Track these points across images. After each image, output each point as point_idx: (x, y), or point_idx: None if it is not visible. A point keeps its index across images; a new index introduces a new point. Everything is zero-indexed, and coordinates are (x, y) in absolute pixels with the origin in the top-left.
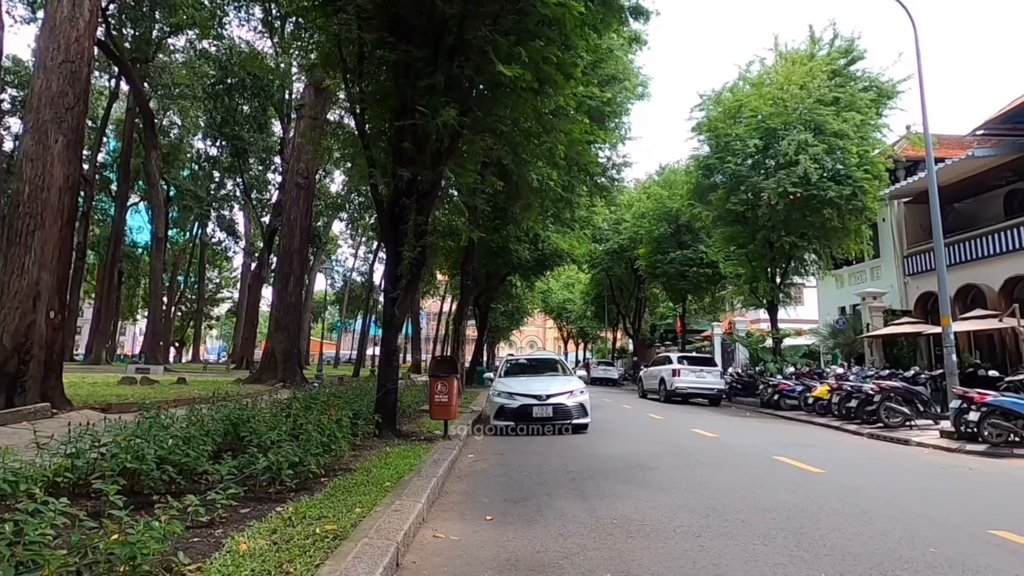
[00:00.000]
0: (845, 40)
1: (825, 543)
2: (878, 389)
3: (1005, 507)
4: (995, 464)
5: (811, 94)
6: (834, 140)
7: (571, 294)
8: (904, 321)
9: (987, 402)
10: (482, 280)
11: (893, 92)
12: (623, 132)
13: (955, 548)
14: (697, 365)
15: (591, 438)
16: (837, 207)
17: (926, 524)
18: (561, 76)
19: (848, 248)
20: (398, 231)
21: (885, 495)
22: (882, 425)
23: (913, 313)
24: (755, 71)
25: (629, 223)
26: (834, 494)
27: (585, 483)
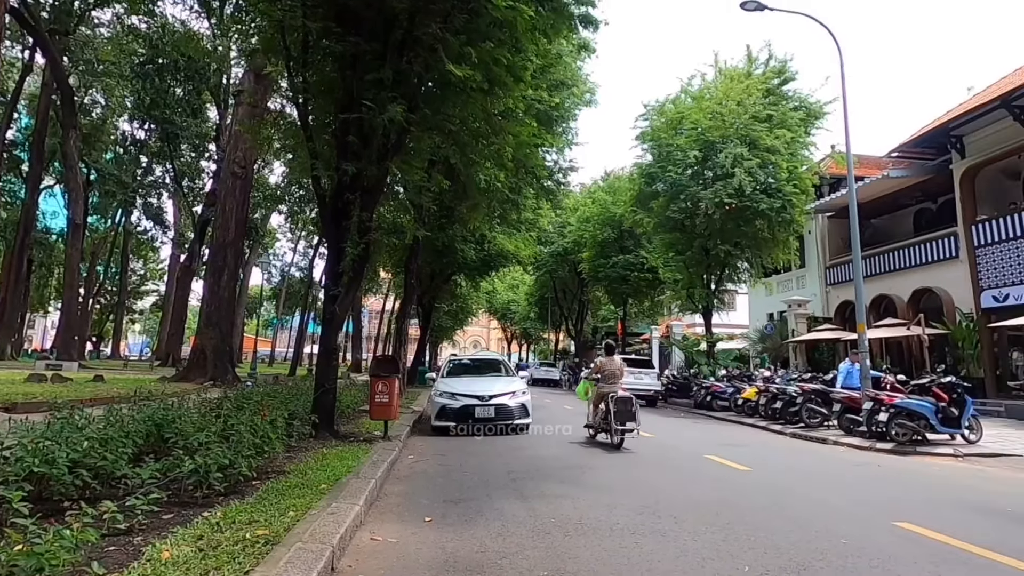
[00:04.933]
0: (779, 61)
1: (750, 537)
2: (801, 391)
3: (908, 500)
4: (901, 461)
5: (747, 110)
6: (767, 155)
7: (516, 295)
8: (825, 328)
9: (895, 404)
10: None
11: (820, 113)
12: (570, 137)
13: (864, 539)
14: (636, 367)
15: (531, 439)
16: (768, 218)
17: (840, 517)
18: (511, 78)
19: (777, 258)
20: (341, 227)
21: (804, 491)
22: (803, 425)
23: (833, 320)
24: (696, 85)
25: (574, 227)
26: (759, 491)
27: (525, 483)
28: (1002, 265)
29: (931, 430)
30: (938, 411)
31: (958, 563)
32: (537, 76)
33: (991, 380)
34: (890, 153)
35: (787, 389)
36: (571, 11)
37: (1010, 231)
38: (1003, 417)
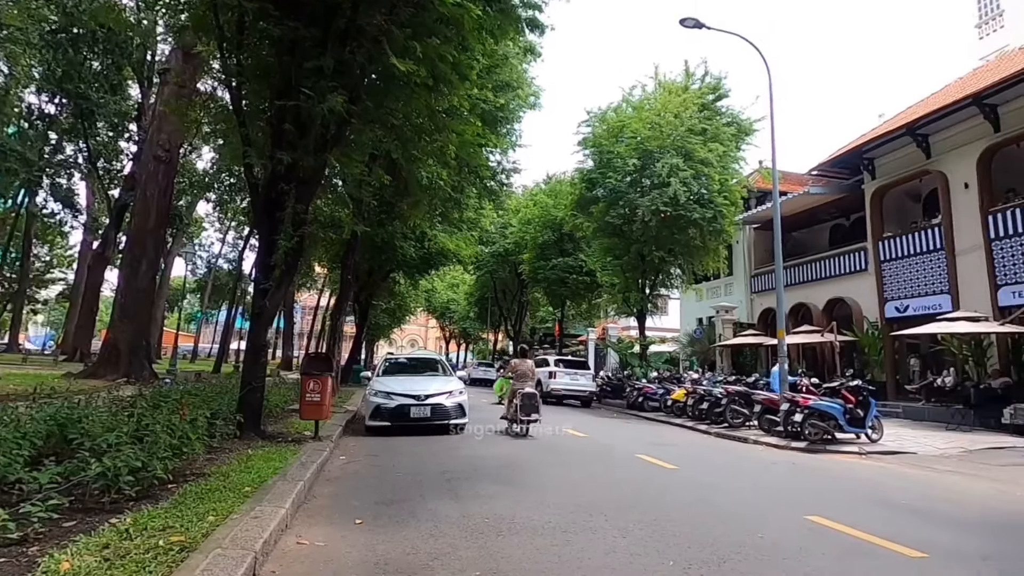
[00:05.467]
0: (714, 78)
1: (675, 533)
2: (725, 393)
3: (818, 496)
4: (813, 458)
5: (684, 123)
6: (700, 167)
7: (455, 294)
8: (749, 333)
9: (809, 405)
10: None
11: (750, 129)
12: (514, 139)
13: (779, 533)
14: (572, 368)
15: (467, 439)
16: (700, 227)
17: (757, 512)
18: (456, 76)
19: (707, 265)
20: (274, 218)
21: (726, 487)
22: (727, 425)
23: (757, 326)
24: (637, 96)
25: (515, 228)
26: (685, 488)
27: (460, 483)
28: (903, 279)
29: (839, 430)
30: (846, 412)
31: (861, 553)
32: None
33: (892, 384)
34: (811, 171)
35: (713, 391)
36: (518, 14)
37: (910, 248)
38: (901, 418)
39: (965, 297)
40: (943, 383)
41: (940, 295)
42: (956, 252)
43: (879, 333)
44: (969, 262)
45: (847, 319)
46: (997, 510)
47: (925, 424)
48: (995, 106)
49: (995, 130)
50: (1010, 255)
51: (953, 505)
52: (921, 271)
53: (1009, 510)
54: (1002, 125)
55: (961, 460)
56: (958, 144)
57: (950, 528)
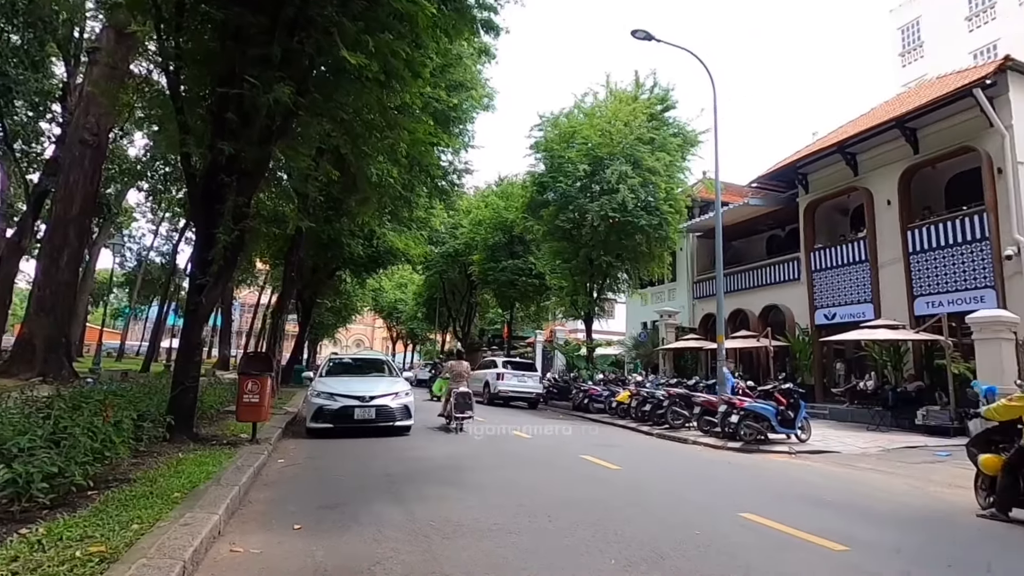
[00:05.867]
0: (663, 90)
1: (616, 532)
2: (667, 395)
3: (752, 494)
4: (747, 458)
5: (633, 131)
6: (648, 175)
7: (403, 294)
8: (690, 337)
9: (744, 407)
10: (308, 273)
11: (695, 141)
12: (467, 139)
13: (714, 529)
14: (520, 370)
15: (413, 440)
16: (647, 234)
17: (694, 510)
18: (409, 73)
19: (653, 271)
20: (213, 210)
21: (666, 487)
22: (668, 426)
23: (698, 331)
24: (589, 103)
25: (466, 229)
26: (627, 488)
27: (404, 486)
28: (832, 288)
29: (772, 430)
30: (778, 414)
31: (789, 548)
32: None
33: (819, 387)
34: (751, 183)
35: (656, 393)
36: (473, 14)
37: (839, 259)
38: (827, 419)
39: (886, 306)
40: (865, 386)
41: (864, 304)
42: (879, 264)
43: (809, 339)
44: (890, 274)
45: (781, 325)
46: (910, 505)
47: (849, 425)
48: (915, 130)
49: (915, 152)
50: (925, 268)
51: (872, 501)
52: (848, 281)
53: (920, 505)
54: (921, 147)
55: (880, 458)
56: (882, 163)
57: (869, 522)
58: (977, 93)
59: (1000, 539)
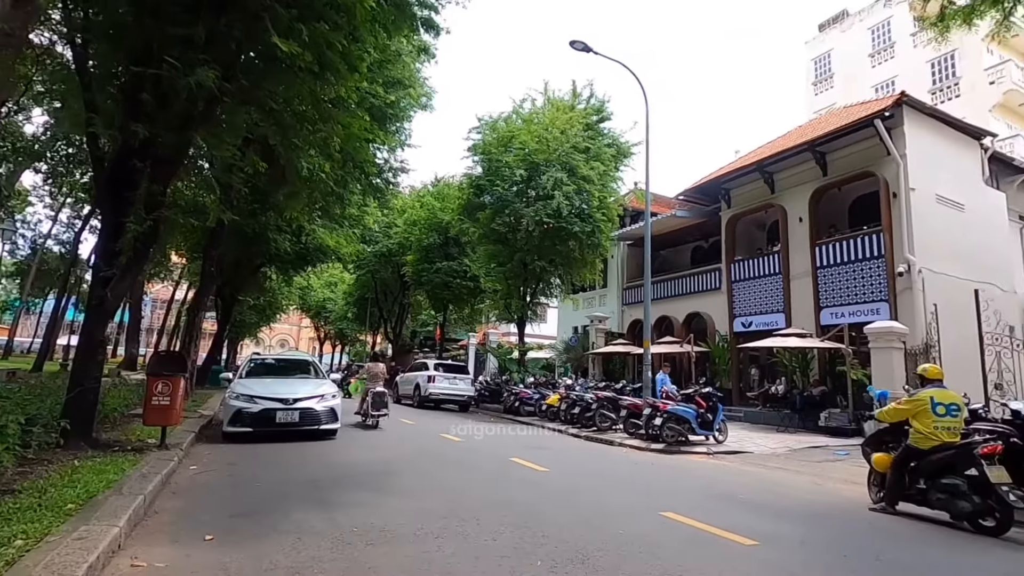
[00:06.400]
0: (599, 101)
1: (544, 534)
2: (596, 399)
3: (672, 493)
4: (669, 459)
5: (569, 140)
6: (583, 183)
7: (333, 293)
8: (619, 342)
9: (668, 410)
10: (230, 268)
11: (628, 152)
12: (403, 137)
13: (637, 529)
14: (451, 372)
15: (339, 444)
16: (580, 240)
17: (619, 511)
18: (345, 66)
19: (585, 277)
20: (123, 198)
21: (592, 488)
22: (596, 429)
23: (626, 336)
24: (527, 109)
25: (400, 228)
26: (555, 490)
27: (328, 492)
28: (748, 298)
29: (692, 432)
30: (698, 416)
31: (705, 543)
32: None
33: (736, 390)
34: (678, 195)
35: (585, 396)
36: (414, 12)
37: (755, 271)
38: (742, 421)
39: (796, 316)
40: (776, 391)
41: (777, 313)
42: (791, 277)
43: (728, 345)
44: (800, 286)
45: (703, 332)
46: (813, 501)
47: (761, 426)
48: (824, 154)
49: (824, 174)
50: (830, 282)
51: (780, 498)
52: (763, 292)
53: (822, 501)
54: (829, 170)
55: (787, 458)
56: (795, 183)
57: (777, 518)
58: (877, 124)
59: (888, 530)
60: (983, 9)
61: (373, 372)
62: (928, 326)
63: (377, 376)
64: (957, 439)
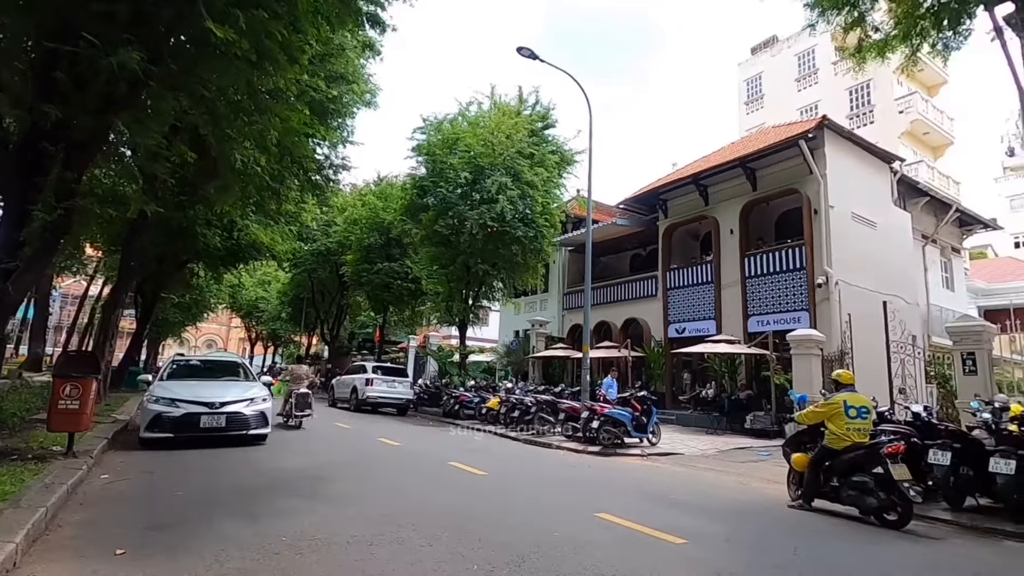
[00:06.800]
0: (544, 108)
1: (481, 537)
2: (535, 402)
3: (607, 495)
4: (605, 461)
5: (514, 145)
6: (527, 188)
7: (266, 292)
8: (559, 346)
9: (604, 413)
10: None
11: (571, 160)
12: (346, 134)
13: (572, 530)
14: (390, 375)
15: (270, 450)
16: (523, 245)
17: (555, 512)
18: (285, 57)
19: (527, 281)
20: (30, 183)
21: (530, 491)
22: (535, 432)
23: (566, 340)
24: (473, 112)
25: (340, 227)
26: (493, 493)
27: (256, 500)
28: (682, 305)
29: (628, 435)
30: (633, 419)
31: (637, 543)
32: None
33: (669, 394)
34: (618, 204)
35: (524, 400)
36: (359, 6)
37: (689, 279)
38: (675, 424)
39: (726, 323)
40: (706, 394)
41: (708, 320)
42: (722, 286)
43: (662, 350)
44: (730, 295)
45: (639, 337)
46: (738, 500)
47: (692, 429)
48: (754, 170)
49: (753, 189)
50: (757, 291)
51: (708, 497)
52: (696, 299)
53: (746, 499)
54: (758, 186)
55: (715, 459)
56: (728, 197)
57: (704, 517)
58: (801, 144)
59: (805, 526)
60: (894, 44)
61: (296, 374)
62: (843, 334)
63: (300, 378)
64: (866, 440)
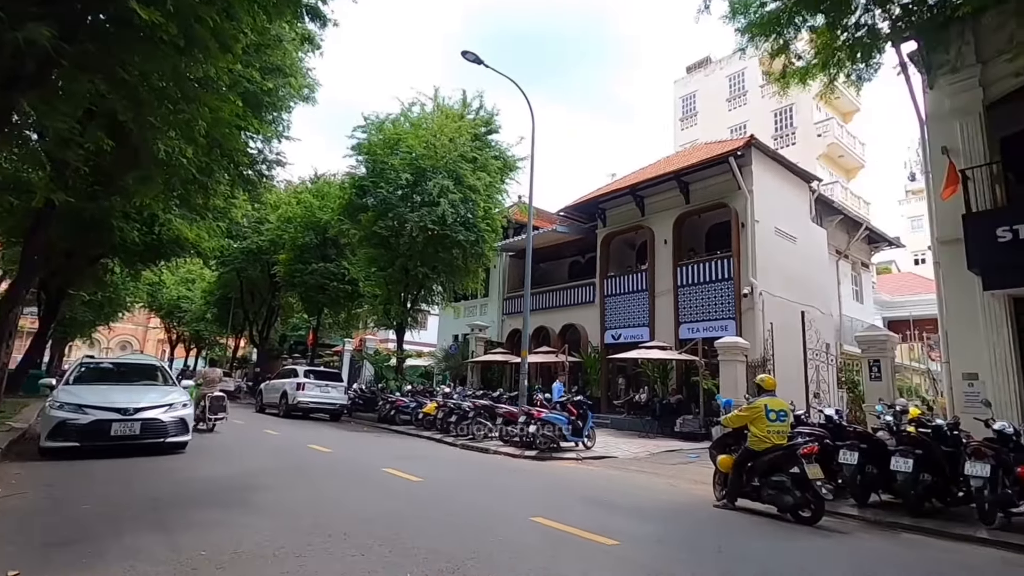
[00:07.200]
0: (488, 113)
1: (416, 546)
2: (473, 407)
3: (543, 498)
4: (541, 465)
5: (457, 148)
6: (469, 192)
7: (190, 291)
8: (498, 351)
9: (541, 418)
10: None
11: (514, 166)
12: (281, 128)
13: (509, 535)
14: (323, 380)
15: (190, 459)
16: (464, 249)
17: (491, 517)
18: (216, 45)
19: (467, 285)
20: None
21: (466, 496)
22: (471, 437)
23: (505, 345)
24: (416, 113)
25: (273, 225)
26: (429, 500)
27: (172, 512)
28: (618, 312)
29: (564, 439)
30: (570, 423)
31: (571, 545)
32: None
33: (604, 398)
34: (559, 212)
35: (462, 404)
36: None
37: (625, 287)
38: (609, 428)
39: (659, 330)
40: (639, 399)
41: (642, 327)
42: (656, 294)
43: (599, 356)
44: (663, 303)
45: (577, 343)
46: (668, 501)
47: (626, 432)
48: (688, 183)
49: (686, 202)
50: (688, 300)
51: (638, 499)
52: (631, 307)
53: (675, 500)
54: (691, 199)
55: (647, 461)
56: (662, 208)
57: (636, 518)
58: (731, 161)
59: (728, 524)
60: (814, 72)
61: (210, 378)
62: (765, 342)
63: (213, 381)
64: (785, 441)
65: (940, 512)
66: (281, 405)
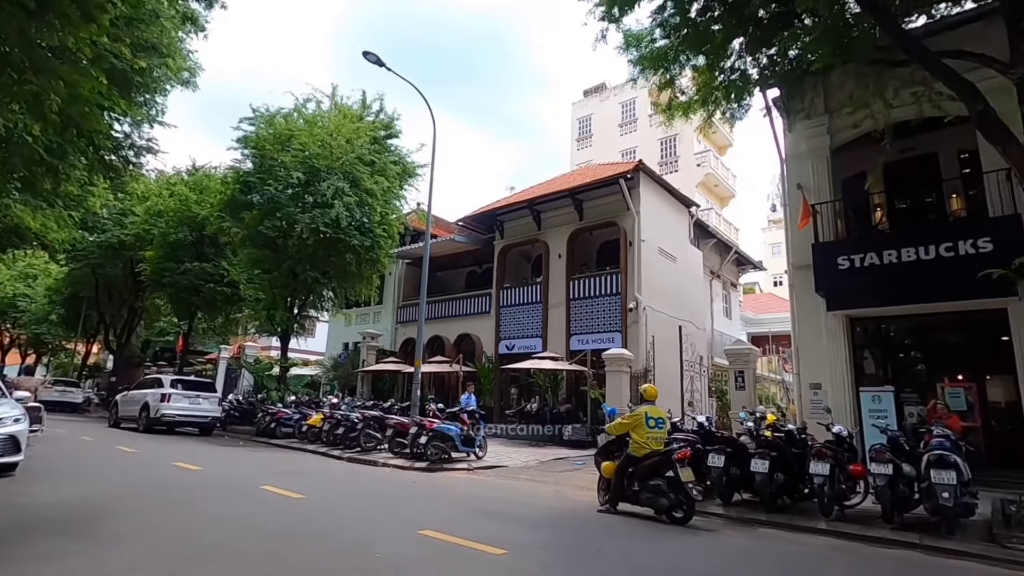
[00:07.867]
0: (388, 116)
1: (295, 566)
2: (361, 418)
3: (432, 510)
4: (432, 476)
5: (355, 150)
6: (365, 196)
7: (30, 288)
8: (391, 360)
9: (433, 429)
10: None
11: (414, 172)
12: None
13: (394, 549)
14: (193, 390)
15: (24, 482)
16: (358, 254)
17: (377, 532)
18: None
19: (360, 292)
20: None
21: (352, 511)
22: (360, 449)
23: (398, 354)
24: (311, 109)
25: (140, 218)
26: (311, 517)
27: (16, 543)
28: (512, 323)
29: (455, 449)
30: (462, 434)
31: (459, 557)
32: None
33: (497, 408)
34: (457, 221)
35: (350, 416)
36: None
37: (520, 298)
38: (501, 437)
39: (551, 341)
40: (531, 408)
41: (535, 338)
42: (549, 306)
43: (493, 366)
44: (556, 315)
45: (471, 353)
46: (555, 508)
47: (517, 441)
48: (582, 201)
49: (580, 219)
50: (579, 312)
51: (527, 507)
52: (526, 318)
53: (562, 507)
54: (584, 216)
55: (536, 470)
56: (558, 223)
57: (524, 526)
58: (621, 183)
59: (610, 528)
60: (695, 107)
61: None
62: (647, 354)
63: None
64: (662, 447)
65: (790, 507)
66: (141, 419)
